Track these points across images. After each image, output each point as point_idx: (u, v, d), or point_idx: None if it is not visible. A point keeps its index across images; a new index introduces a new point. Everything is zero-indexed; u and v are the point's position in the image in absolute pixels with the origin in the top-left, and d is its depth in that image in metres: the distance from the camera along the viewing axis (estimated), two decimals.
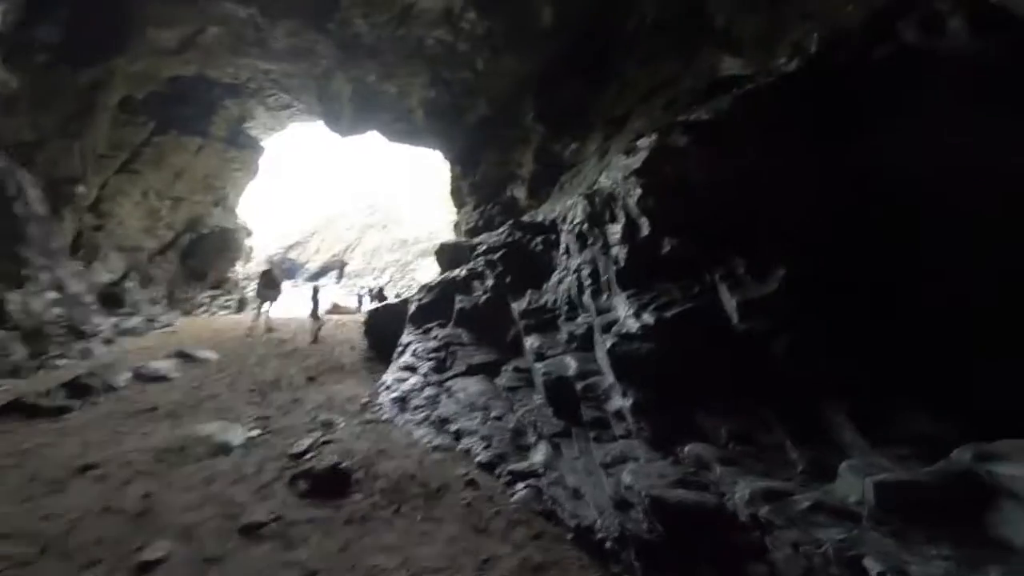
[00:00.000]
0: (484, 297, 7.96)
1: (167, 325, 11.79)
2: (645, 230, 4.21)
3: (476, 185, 15.93)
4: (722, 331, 3.37)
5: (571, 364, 4.73)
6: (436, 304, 8.59)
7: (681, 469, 3.07)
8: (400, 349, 8.00)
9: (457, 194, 17.75)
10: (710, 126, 3.85)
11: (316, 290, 12.07)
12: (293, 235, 58.12)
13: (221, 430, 4.91)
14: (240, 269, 19.91)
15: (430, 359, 7.07)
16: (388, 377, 7.28)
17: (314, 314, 11.43)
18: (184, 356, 8.23)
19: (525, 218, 9.97)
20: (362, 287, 34.46)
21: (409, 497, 3.71)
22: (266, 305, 11.27)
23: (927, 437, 2.49)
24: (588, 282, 5.13)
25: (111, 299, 10.94)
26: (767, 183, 3.53)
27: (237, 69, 12.76)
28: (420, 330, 8.21)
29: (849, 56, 3.59)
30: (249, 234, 20.24)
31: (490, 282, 8.06)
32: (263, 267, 11.24)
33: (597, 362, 4.68)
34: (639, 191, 4.26)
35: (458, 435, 4.92)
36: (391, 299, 12.31)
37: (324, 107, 15.03)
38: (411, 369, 7.12)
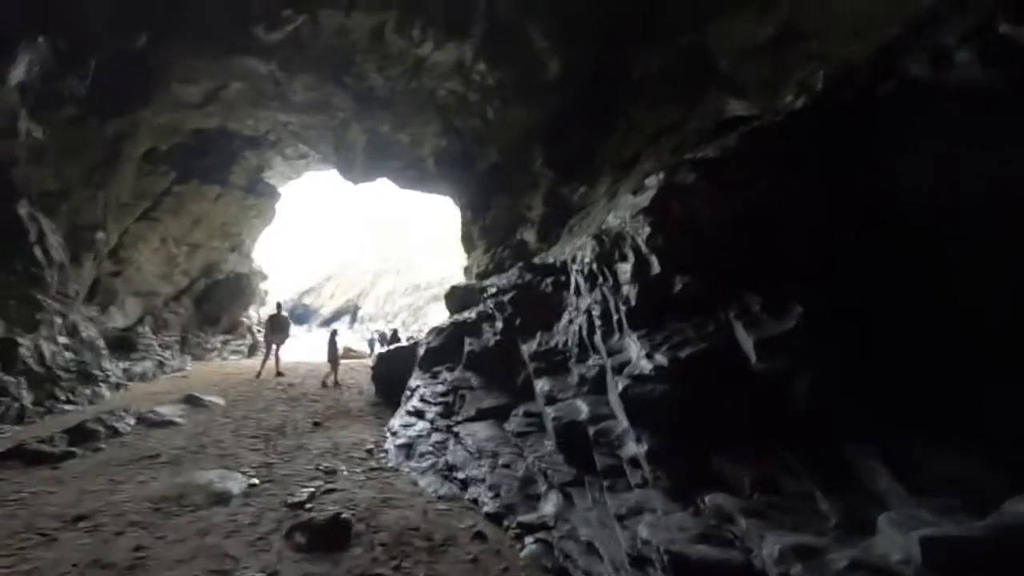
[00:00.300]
0: (494, 339, 7.85)
1: (178, 370, 11.78)
2: (655, 268, 4.13)
3: (486, 229, 16.12)
4: (739, 371, 3.22)
5: (582, 408, 4.55)
6: (445, 347, 8.48)
7: (702, 522, 2.85)
8: (408, 394, 7.84)
9: (468, 239, 17.96)
10: (718, 163, 3.83)
11: (334, 334, 12.06)
12: (308, 281, 59.26)
13: (220, 478, 4.75)
14: (254, 314, 20.09)
15: (438, 404, 6.90)
16: (395, 422, 7.10)
17: (332, 358, 11.29)
18: (191, 401, 8.14)
19: (535, 260, 9.99)
20: (374, 331, 34.49)
21: (412, 551, 3.49)
22: (274, 348, 11.24)
23: (965, 481, 2.29)
24: (599, 323, 5.02)
25: (124, 344, 10.99)
26: (777, 217, 3.46)
27: (257, 121, 13.29)
28: (428, 374, 8.08)
29: (856, 92, 3.58)
30: (264, 278, 20.53)
31: (500, 324, 7.97)
32: (271, 311, 11.26)
33: (610, 405, 4.51)
34: (648, 229, 4.21)
35: (465, 484, 4.70)
36: (403, 342, 12.19)
37: (339, 156, 15.52)
38: (418, 414, 6.94)
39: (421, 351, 8.89)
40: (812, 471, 2.68)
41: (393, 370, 9.48)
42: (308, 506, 4.24)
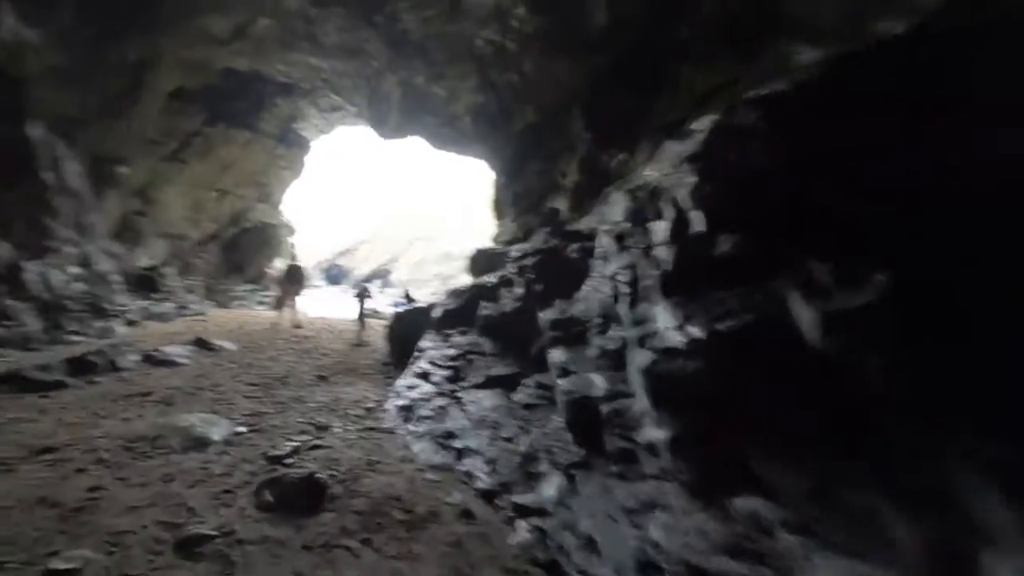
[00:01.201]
0: (512, 305, 7.34)
1: (198, 314, 11.78)
2: (698, 226, 3.49)
3: (518, 195, 15.47)
4: (792, 350, 2.60)
5: (598, 383, 4.03)
6: (462, 311, 8.02)
7: (730, 529, 2.31)
8: (417, 355, 7.46)
9: (499, 205, 17.36)
10: (787, 100, 3.13)
11: (364, 290, 11.87)
12: (343, 242, 60.07)
13: (204, 423, 4.45)
14: (280, 265, 20.21)
15: (446, 368, 6.48)
16: (400, 383, 6.74)
17: (360, 316, 11.20)
18: (201, 344, 7.99)
19: (566, 228, 9.36)
20: (401, 296, 34.64)
21: (388, 524, 3.08)
22: (291, 300, 11.06)
23: None
24: (625, 290, 4.43)
25: (146, 283, 11.00)
26: (855, 169, 2.77)
27: (289, 67, 12.89)
28: (440, 336, 7.66)
29: (946, 31, 2.82)
30: (292, 232, 20.52)
31: (520, 290, 7.44)
32: (289, 262, 11.04)
33: (629, 383, 3.97)
34: (694, 179, 3.56)
35: (461, 454, 4.28)
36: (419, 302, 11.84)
37: (372, 110, 15.03)
38: (424, 376, 6.55)
39: (437, 312, 8.49)
40: (883, 482, 2.09)
41: (409, 331, 9.13)
42: (288, 461, 3.88)
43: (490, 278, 8.66)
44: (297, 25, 9.73)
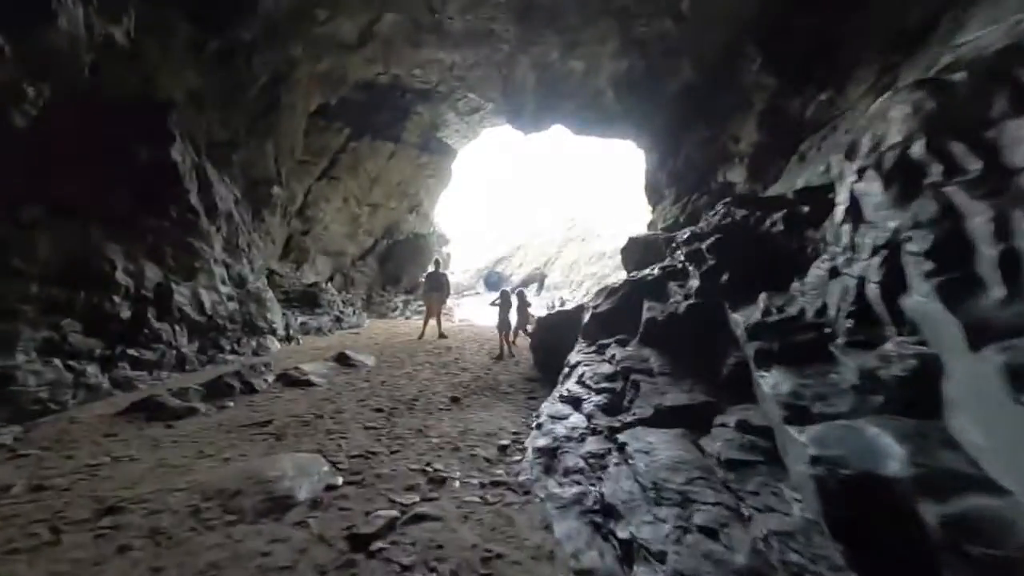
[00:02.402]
0: (684, 304, 5.48)
1: (355, 327, 12.00)
2: None
3: (676, 174, 13.18)
4: None
5: (890, 447, 2.11)
6: (617, 313, 6.36)
7: None
8: (566, 371, 6.00)
9: (653, 188, 15.17)
10: None
11: (522, 296, 10.75)
12: (501, 250, 62.51)
13: (298, 471, 3.54)
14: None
15: (600, 391, 4.88)
16: (544, 408, 5.34)
17: (522, 323, 9.94)
18: (341, 360, 7.63)
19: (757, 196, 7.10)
20: (558, 298, 33.88)
21: None
22: (435, 308, 10.52)
23: None
24: (923, 268, 2.38)
25: (308, 299, 11.48)
26: None
27: (423, 70, 12.63)
28: (593, 348, 6.09)
29: None
30: (446, 242, 20.83)
31: (695, 282, 5.56)
32: (430, 268, 10.49)
33: (959, 447, 2.00)
34: None
35: (629, 553, 2.65)
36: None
37: (508, 102, 14.15)
38: (573, 402, 5.04)
39: (586, 317, 6.94)
40: None
41: (557, 340, 7.76)
42: (375, 547, 2.70)
43: (650, 270, 6.85)
44: (422, 16, 9.12)
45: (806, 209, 4.91)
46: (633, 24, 9.59)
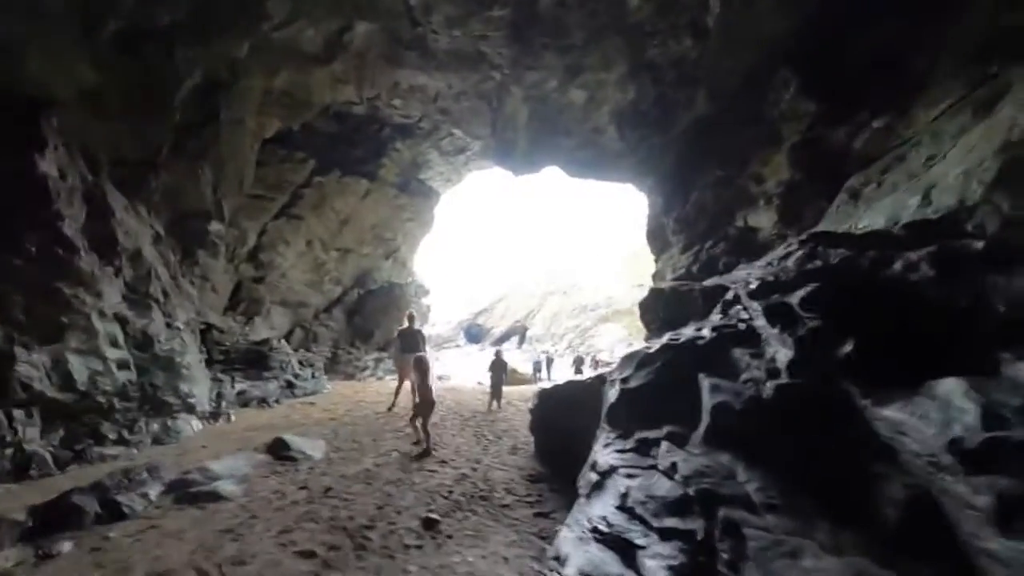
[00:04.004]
0: (772, 386, 3.71)
1: (311, 393, 9.90)
2: None
3: (685, 220, 11.78)
4: None
5: None
6: (657, 391, 4.54)
7: None
8: (592, 477, 4.11)
9: (657, 235, 13.76)
10: None
11: (499, 355, 9.56)
12: (482, 301, 61.30)
13: None
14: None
15: (668, 535, 2.99)
16: (569, 555, 3.41)
17: (495, 384, 9.13)
18: (276, 450, 5.60)
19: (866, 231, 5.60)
20: (542, 351, 31.96)
21: None
22: (410, 373, 8.57)
23: None
24: None
25: (256, 359, 9.41)
26: None
27: (405, 101, 11.28)
28: (630, 443, 4.22)
29: None
30: (426, 293, 19.02)
31: (784, 353, 3.83)
32: (403, 324, 8.65)
33: None
34: None
35: None
36: (587, 368, 8.65)
37: (498, 140, 12.80)
38: (619, 549, 3.13)
39: (611, 393, 5.10)
40: None
41: (566, 420, 5.90)
42: None
43: (697, 330, 5.11)
44: (401, 28, 7.76)
45: (978, 246, 3.31)
46: (646, 44, 8.37)
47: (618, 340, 39.61)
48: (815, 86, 7.64)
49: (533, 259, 63.49)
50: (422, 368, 6.06)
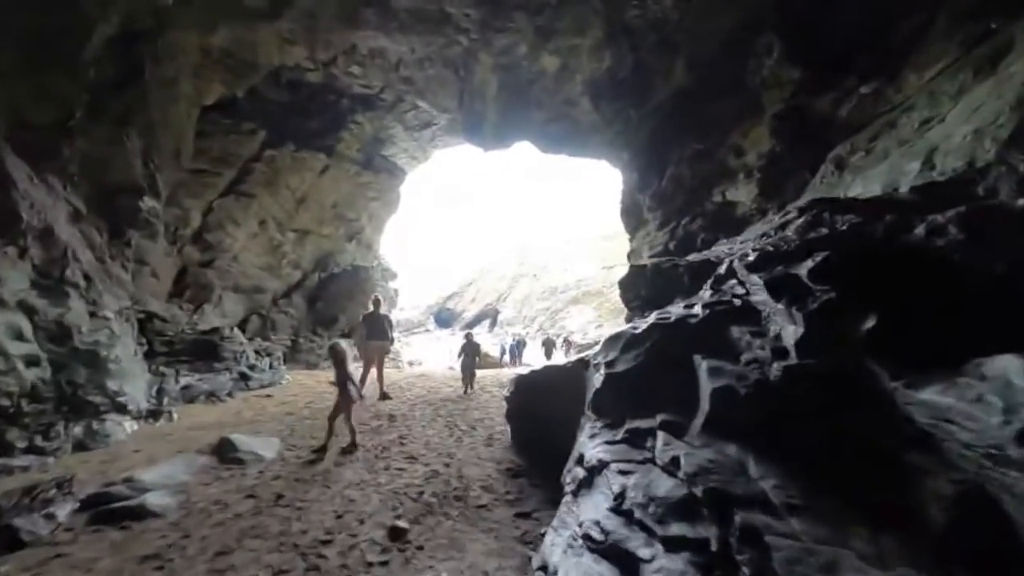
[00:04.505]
0: (779, 367, 3.32)
1: (268, 385, 9.17)
2: None
3: (661, 195, 11.43)
4: None
5: None
6: (647, 375, 4.10)
7: None
8: (578, 474, 3.67)
9: (632, 212, 13.41)
10: None
11: (469, 337, 9.12)
12: (452, 286, 60.68)
13: None
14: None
15: (674, 544, 2.54)
16: (559, 565, 3.00)
17: (467, 368, 8.74)
18: (223, 451, 4.97)
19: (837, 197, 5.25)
20: (513, 334, 31.62)
21: None
22: (374, 361, 7.98)
23: None
24: None
25: (203, 351, 8.61)
26: None
27: (364, 69, 10.43)
28: (620, 433, 3.79)
29: None
30: (392, 276, 18.26)
31: (791, 329, 3.43)
32: (368, 308, 8.03)
33: None
34: None
35: None
36: (557, 349, 8.27)
37: (466, 113, 12.10)
38: (617, 559, 2.72)
39: (596, 379, 4.66)
40: None
41: (545, 407, 5.46)
42: None
43: (688, 308, 4.69)
44: None
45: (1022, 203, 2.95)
46: (624, 6, 7.81)
47: (588, 322, 39.73)
48: (799, 52, 7.28)
49: (503, 241, 63.05)
50: (338, 358, 5.33)
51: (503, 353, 19.29)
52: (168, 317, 8.36)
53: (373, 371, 8.16)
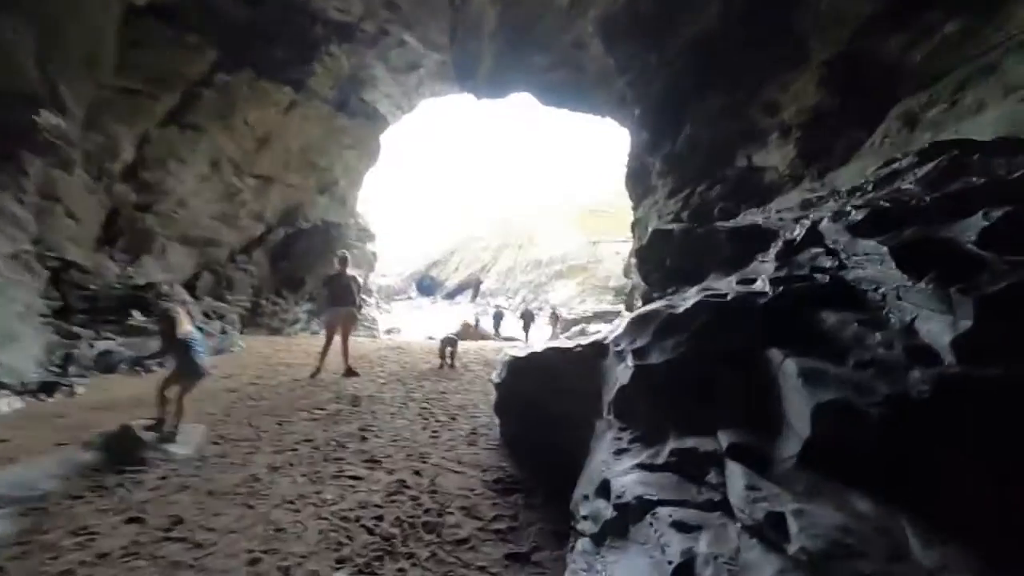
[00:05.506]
0: (925, 376, 2.10)
1: (215, 353, 7.88)
2: None
3: (675, 158, 10.17)
4: None
5: None
6: (692, 369, 2.95)
7: None
8: (604, 513, 2.52)
9: (639, 177, 12.13)
10: None
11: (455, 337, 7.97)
12: (434, 253, 59.29)
13: None
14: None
15: None
16: None
17: (444, 354, 7.69)
18: (117, 450, 3.74)
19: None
20: (496, 306, 30.54)
21: None
22: (340, 327, 6.76)
23: None
24: None
25: (137, 308, 7.26)
26: None
27: None
28: (661, 451, 2.62)
29: None
30: (370, 237, 16.84)
31: (946, 323, 2.21)
32: (335, 268, 6.75)
33: None
34: None
35: None
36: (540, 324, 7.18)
37: (458, 52, 10.56)
38: None
39: (619, 371, 3.51)
40: None
41: (540, 396, 4.34)
42: None
43: (747, 282, 3.51)
44: None
45: None
46: None
47: (572, 296, 38.88)
48: None
49: (488, 207, 61.42)
50: (163, 325, 4.09)
51: (497, 324, 18.22)
52: (91, 267, 6.96)
53: (338, 342, 6.94)
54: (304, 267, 11.92)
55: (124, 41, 6.40)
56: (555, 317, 19.46)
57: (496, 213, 57.83)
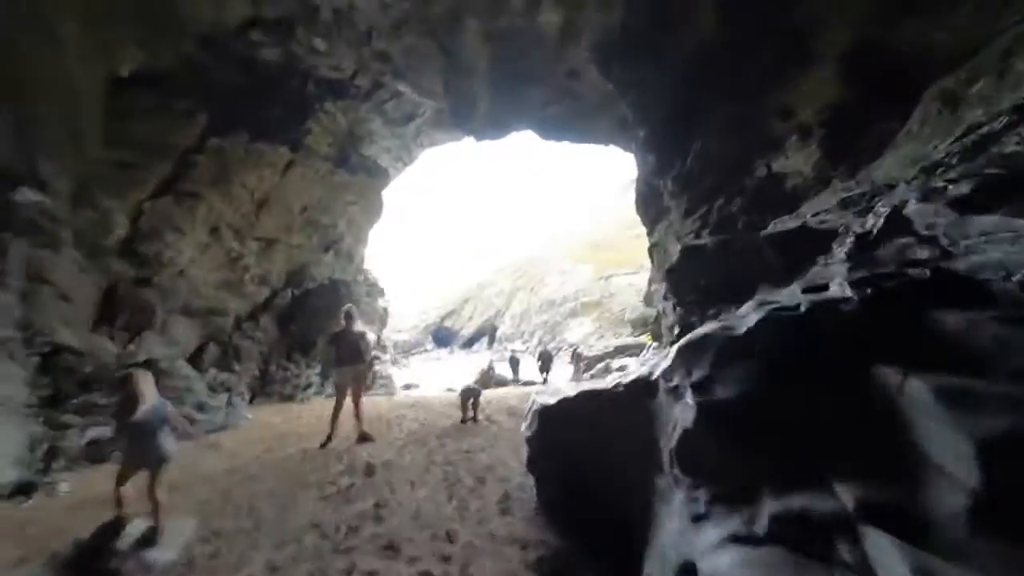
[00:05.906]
0: None
1: (219, 428, 7.34)
2: None
3: (688, 177, 9.70)
4: None
5: None
6: (772, 401, 2.34)
7: None
8: None
9: (650, 201, 11.70)
10: None
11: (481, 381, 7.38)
12: (448, 303, 59.22)
13: None
14: (370, 336, 16.12)
15: None
16: None
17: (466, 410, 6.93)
18: (89, 560, 3.16)
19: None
20: (512, 351, 29.73)
21: None
22: (352, 389, 6.20)
23: None
24: None
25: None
26: None
27: (329, 45, 8.81)
28: (759, 517, 1.98)
29: None
30: (380, 293, 16.48)
31: None
32: (335, 329, 6.28)
33: None
34: None
35: None
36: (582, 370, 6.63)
37: (453, 97, 10.42)
38: None
39: (677, 412, 2.85)
40: None
41: (580, 449, 3.69)
42: None
43: (815, 290, 2.84)
44: None
45: None
46: None
47: (588, 333, 37.93)
48: None
49: (496, 251, 61.88)
50: (129, 389, 3.48)
51: (515, 367, 17.46)
52: (85, 349, 6.55)
53: (350, 404, 6.36)
54: (314, 329, 11.50)
55: (111, 112, 6.28)
56: (578, 356, 18.66)
57: (504, 256, 58.09)
